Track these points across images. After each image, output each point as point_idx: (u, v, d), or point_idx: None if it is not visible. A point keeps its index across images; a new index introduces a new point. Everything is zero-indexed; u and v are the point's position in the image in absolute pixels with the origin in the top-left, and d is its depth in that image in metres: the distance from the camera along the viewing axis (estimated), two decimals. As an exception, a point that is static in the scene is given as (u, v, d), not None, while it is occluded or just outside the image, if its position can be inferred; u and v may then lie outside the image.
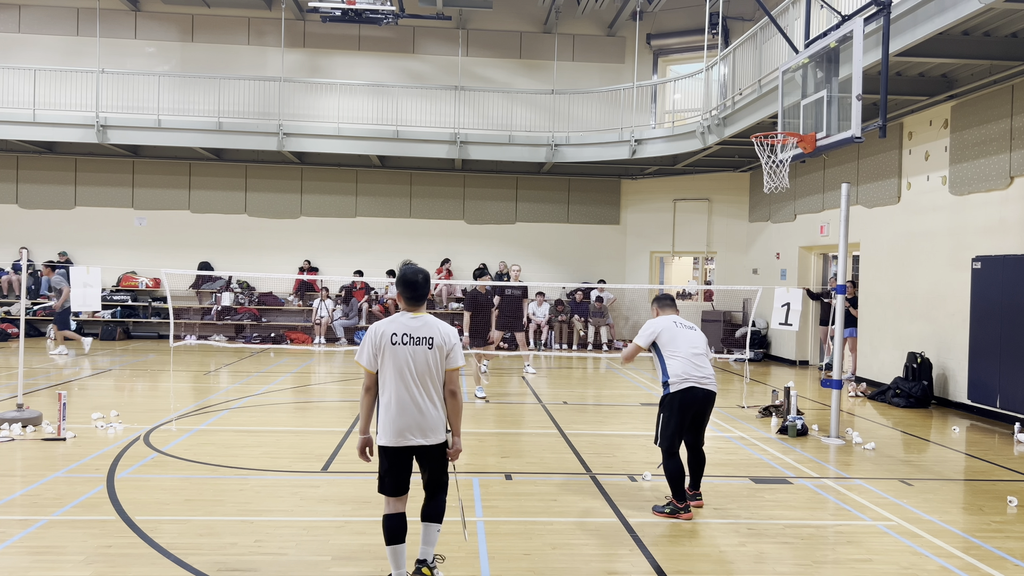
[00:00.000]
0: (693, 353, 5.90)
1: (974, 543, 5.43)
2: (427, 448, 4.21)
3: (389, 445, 4.18)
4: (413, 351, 4.14)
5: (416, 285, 4.24)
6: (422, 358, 4.14)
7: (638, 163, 18.30)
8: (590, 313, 18.63)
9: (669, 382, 5.88)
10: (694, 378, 5.83)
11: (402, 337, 4.14)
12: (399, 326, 4.18)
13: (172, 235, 19.14)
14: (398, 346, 4.13)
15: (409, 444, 4.17)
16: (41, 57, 18.45)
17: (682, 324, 6.04)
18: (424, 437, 4.17)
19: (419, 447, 4.19)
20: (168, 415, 9.18)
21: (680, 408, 5.86)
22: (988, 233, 10.58)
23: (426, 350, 4.15)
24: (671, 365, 5.90)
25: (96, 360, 14.39)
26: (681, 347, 5.91)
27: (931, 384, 11.40)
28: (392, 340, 4.14)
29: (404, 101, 17.99)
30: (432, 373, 4.17)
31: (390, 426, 4.15)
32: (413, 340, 4.15)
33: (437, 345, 4.18)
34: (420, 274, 4.28)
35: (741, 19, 17.94)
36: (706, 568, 4.86)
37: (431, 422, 4.18)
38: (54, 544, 4.96)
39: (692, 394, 5.84)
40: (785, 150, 9.98)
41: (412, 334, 4.16)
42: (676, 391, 5.84)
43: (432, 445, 4.21)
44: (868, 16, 8.71)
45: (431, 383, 4.17)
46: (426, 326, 4.20)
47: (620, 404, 10.97)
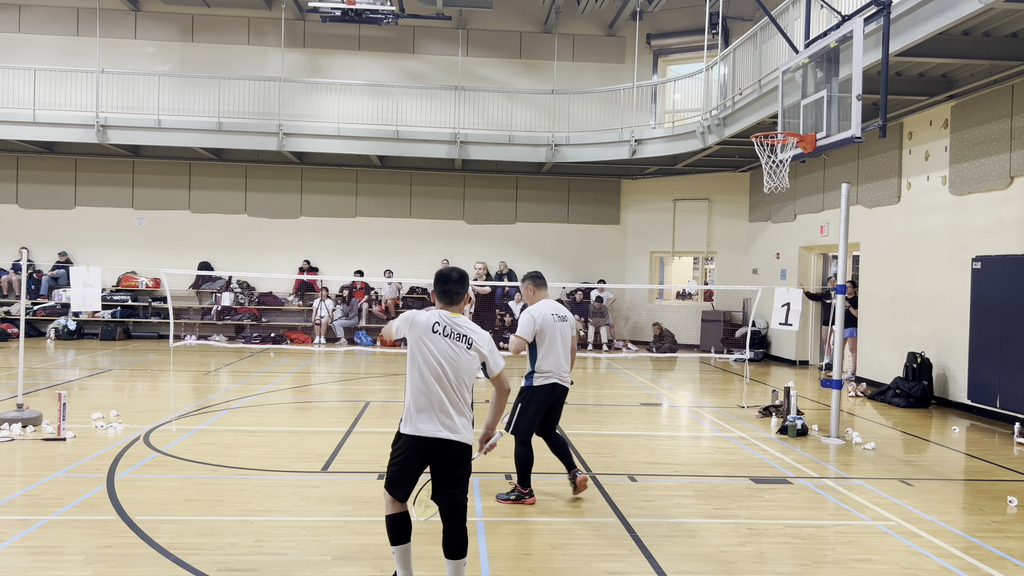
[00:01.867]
0: (563, 350, 6.03)
1: (974, 543, 5.44)
2: (450, 445, 4.03)
3: (413, 434, 4.02)
4: (452, 345, 4.06)
5: (450, 281, 4.21)
6: (460, 355, 4.07)
7: (638, 163, 18.30)
8: (590, 313, 18.63)
9: (535, 375, 5.98)
10: (557, 375, 5.99)
11: (443, 328, 4.08)
12: (442, 318, 4.12)
13: (172, 235, 19.13)
14: (439, 336, 4.06)
15: (435, 436, 4.00)
16: (41, 57, 18.45)
17: (558, 316, 6.06)
18: (452, 432, 4.02)
19: (443, 441, 4.01)
20: (168, 415, 9.18)
21: (541, 402, 5.99)
22: (988, 233, 10.58)
23: (465, 348, 4.09)
24: (543, 360, 5.97)
25: (96, 360, 14.39)
26: (555, 343, 5.99)
27: (931, 384, 11.40)
28: (434, 328, 4.06)
29: (404, 101, 17.99)
30: (466, 372, 4.09)
31: (418, 416, 4.03)
32: (454, 335, 4.09)
33: (476, 347, 4.13)
34: (455, 271, 4.28)
35: (741, 19, 17.94)
36: (706, 568, 4.86)
37: (459, 420, 4.07)
38: (54, 544, 4.96)
39: (553, 390, 6.00)
40: (785, 150, 9.98)
41: (454, 329, 4.10)
42: (539, 386, 5.97)
43: (455, 442, 4.04)
44: (868, 16, 8.71)
45: (465, 382, 4.10)
46: (465, 326, 4.16)
47: (620, 404, 10.97)
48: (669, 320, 19.22)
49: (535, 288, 6.18)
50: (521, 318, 6.00)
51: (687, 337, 19.02)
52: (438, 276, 4.26)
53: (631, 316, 19.88)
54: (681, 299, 21.02)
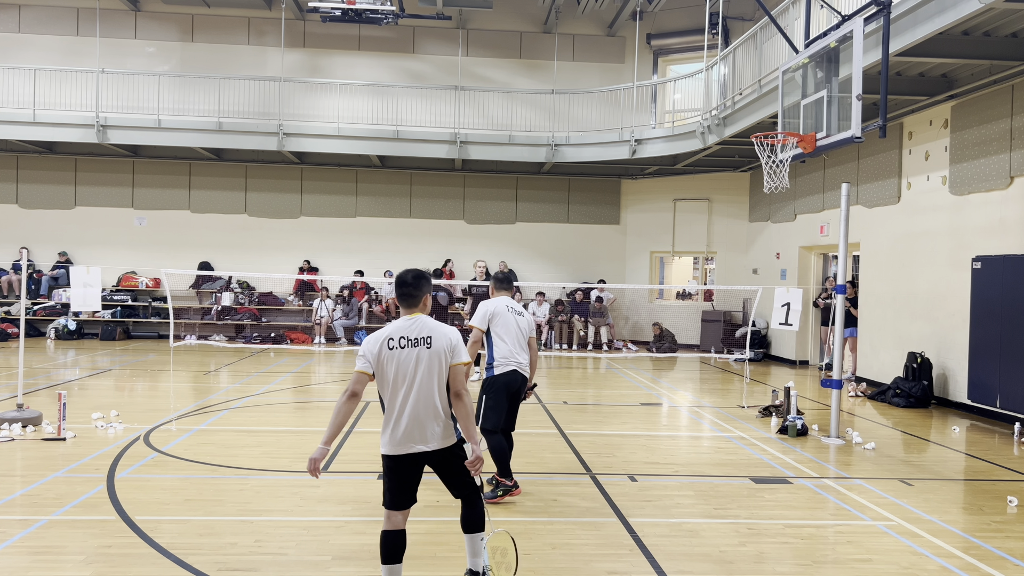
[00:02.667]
0: (518, 339, 6.14)
1: (974, 543, 5.43)
2: (435, 454, 4.03)
3: (394, 453, 3.99)
4: (411, 353, 3.98)
5: (405, 284, 4.10)
6: (422, 359, 3.97)
7: (638, 163, 18.30)
8: (590, 313, 18.63)
9: (494, 364, 6.10)
10: (515, 361, 6.09)
11: (399, 340, 3.98)
12: (394, 331, 4.02)
13: (172, 235, 19.14)
14: (395, 350, 3.97)
15: (412, 452, 3.99)
16: (41, 57, 18.45)
17: (513, 309, 6.21)
18: (427, 443, 3.99)
19: (424, 454, 4.01)
20: (168, 415, 9.18)
21: (503, 388, 6.07)
22: (988, 233, 10.58)
23: (425, 350, 3.98)
24: (498, 348, 6.12)
25: (96, 360, 14.39)
26: (510, 332, 6.12)
27: (931, 384, 11.40)
28: (389, 345, 3.98)
29: (404, 101, 17.99)
30: (434, 374, 3.99)
31: (392, 434, 3.99)
32: (411, 342, 3.98)
33: (436, 344, 4.01)
34: (410, 273, 4.14)
35: (741, 19, 17.94)
36: (706, 568, 4.86)
37: (435, 427, 4.00)
38: (54, 544, 4.96)
39: (513, 376, 6.09)
40: (785, 150, 9.98)
41: (408, 336, 4.00)
42: (500, 373, 6.08)
43: (439, 450, 4.03)
44: (868, 16, 8.71)
45: (434, 385, 3.99)
46: (422, 326, 4.04)
47: (620, 404, 10.97)
48: (669, 320, 19.22)
49: (495, 289, 6.42)
50: (475, 311, 6.23)
51: (687, 337, 19.02)
52: (396, 279, 4.15)
53: (631, 316, 19.88)
54: (681, 299, 21.01)
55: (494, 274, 6.43)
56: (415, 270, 4.21)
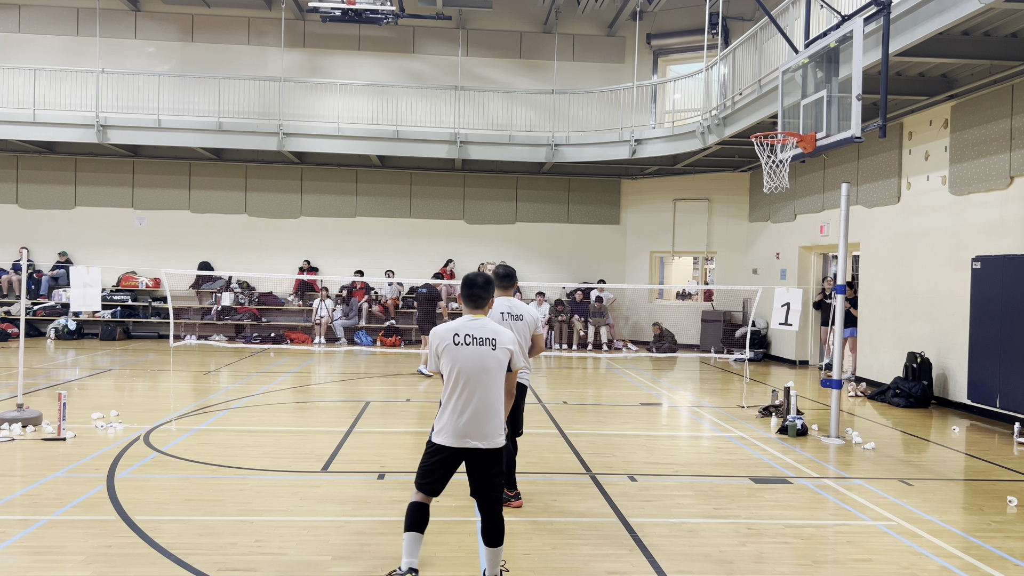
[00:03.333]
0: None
1: (974, 543, 5.44)
2: (484, 452, 4.21)
3: (447, 444, 4.19)
4: (476, 352, 4.18)
5: (474, 284, 4.34)
6: (486, 359, 4.19)
7: (638, 163, 18.30)
8: (590, 313, 18.64)
9: None
10: None
11: (464, 338, 4.20)
12: (461, 327, 4.24)
13: (172, 235, 19.14)
14: (460, 347, 4.19)
15: (467, 447, 4.18)
16: (41, 57, 18.45)
17: (509, 315, 5.87)
18: (483, 440, 4.19)
19: (479, 451, 4.20)
20: (168, 415, 9.18)
21: None
22: (988, 233, 10.58)
23: (489, 351, 4.20)
24: None
25: (96, 360, 14.39)
26: None
27: (931, 384, 11.40)
28: (455, 341, 4.20)
29: (404, 101, 17.99)
30: (494, 374, 4.21)
31: (452, 426, 4.18)
32: (476, 340, 4.20)
33: (500, 346, 4.23)
34: (481, 276, 4.39)
35: (741, 19, 17.94)
36: (706, 568, 4.86)
37: (493, 425, 4.20)
38: (54, 544, 4.96)
39: None
40: (785, 150, 9.98)
41: (474, 335, 4.21)
42: None
43: (489, 449, 4.21)
44: (868, 16, 8.71)
45: (494, 385, 4.21)
46: (487, 328, 4.26)
47: (620, 404, 10.97)
48: (669, 320, 19.23)
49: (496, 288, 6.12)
50: None
51: (687, 337, 19.02)
52: (465, 280, 4.38)
53: (631, 316, 19.89)
54: (681, 299, 21.02)
55: (493, 270, 6.25)
56: (485, 274, 4.45)
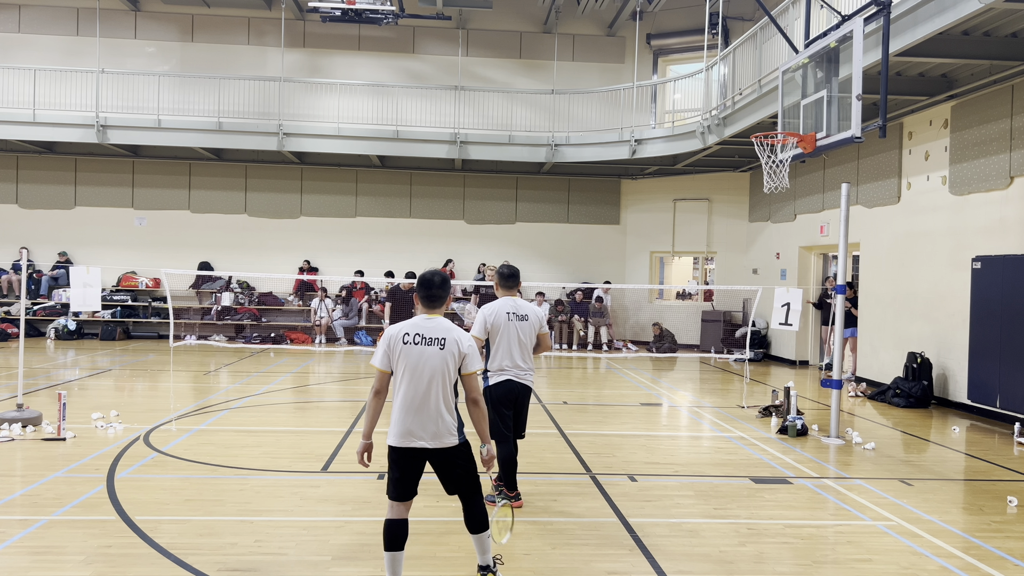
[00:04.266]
0: (518, 346, 5.85)
1: (974, 543, 5.44)
2: (436, 452, 4.15)
3: (396, 445, 4.14)
4: (424, 351, 4.12)
5: (430, 285, 4.23)
6: (433, 359, 4.11)
7: (638, 163, 18.29)
8: (590, 313, 18.63)
9: (489, 374, 5.88)
10: (511, 371, 5.83)
11: (414, 337, 4.13)
12: (412, 326, 4.18)
13: (172, 235, 19.14)
14: (409, 345, 4.12)
15: (415, 445, 4.12)
16: (41, 57, 18.45)
17: (515, 314, 5.85)
18: (431, 440, 4.12)
19: (427, 450, 4.14)
20: (168, 415, 9.18)
21: (499, 399, 5.83)
22: (988, 233, 10.58)
23: (437, 351, 4.12)
24: (493, 358, 5.87)
25: (96, 360, 14.39)
26: (511, 340, 5.83)
27: (931, 384, 11.40)
28: (404, 340, 4.13)
29: (404, 101, 17.99)
30: (443, 375, 4.13)
31: (398, 425, 4.13)
32: (425, 340, 4.13)
33: (449, 347, 4.14)
34: (438, 275, 4.27)
35: (741, 19, 17.94)
36: (706, 568, 4.86)
37: (440, 426, 4.13)
38: (54, 544, 4.96)
39: (509, 386, 5.84)
40: (785, 150, 9.98)
41: (424, 334, 4.14)
42: (494, 384, 5.85)
43: (441, 449, 4.15)
44: (868, 16, 8.71)
45: (442, 385, 4.13)
46: (438, 328, 4.18)
47: (620, 404, 10.97)
48: (669, 320, 19.23)
49: (498, 285, 6.09)
50: (475, 318, 5.95)
51: (687, 337, 19.02)
52: (420, 280, 4.27)
53: (631, 316, 19.88)
54: (681, 299, 21.02)
55: (498, 269, 6.15)
56: (441, 273, 4.32)
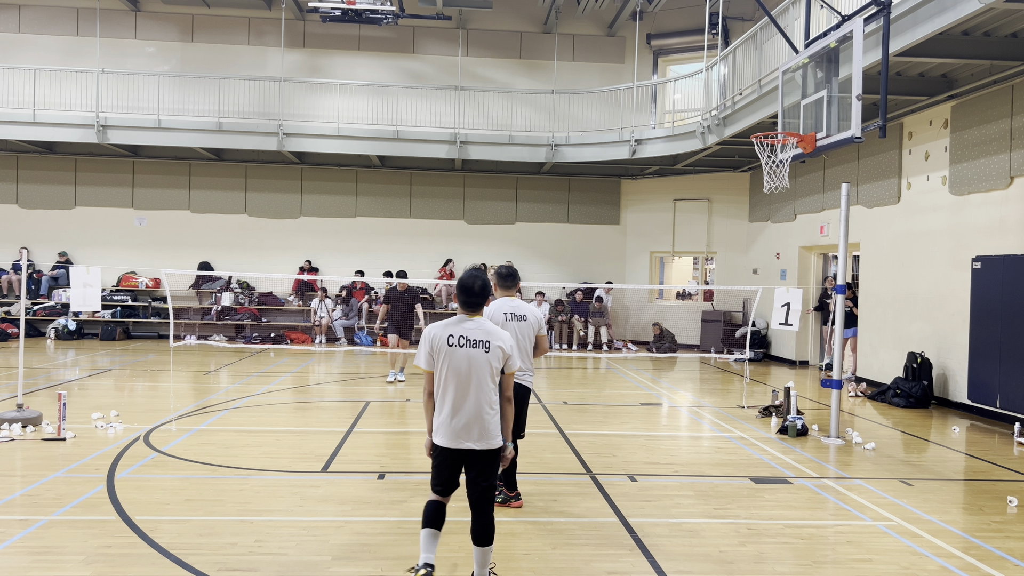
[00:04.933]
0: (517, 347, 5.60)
1: (974, 543, 5.44)
2: (479, 453, 4.22)
3: (445, 446, 4.22)
4: (469, 353, 4.18)
5: (470, 292, 4.28)
6: (478, 361, 4.18)
7: (638, 163, 18.30)
8: (590, 313, 18.63)
9: None
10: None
11: (459, 339, 4.19)
12: (455, 328, 4.22)
13: (172, 235, 19.14)
14: (455, 348, 4.18)
15: (462, 447, 4.20)
16: (41, 57, 18.45)
17: (513, 315, 5.80)
18: (477, 441, 4.19)
19: (473, 451, 4.21)
20: (168, 415, 9.18)
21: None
22: (988, 233, 10.58)
23: (483, 353, 4.19)
24: None
25: (96, 360, 14.39)
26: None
27: (931, 384, 11.40)
28: (448, 342, 4.18)
29: (404, 101, 17.99)
30: (487, 377, 4.20)
31: (446, 427, 4.20)
32: (470, 343, 4.19)
33: (493, 350, 4.21)
34: (478, 281, 4.30)
35: (741, 19, 17.94)
36: (706, 568, 4.86)
37: (486, 426, 4.20)
38: (54, 544, 4.96)
39: None
40: (785, 150, 9.98)
41: (468, 336, 4.20)
42: None
43: (484, 450, 4.22)
44: (868, 16, 8.71)
45: (487, 386, 4.20)
46: (481, 330, 4.24)
47: (620, 404, 10.97)
48: (669, 320, 19.23)
49: (497, 286, 6.01)
50: None
51: (687, 337, 19.02)
52: (461, 287, 4.32)
53: (631, 316, 19.88)
54: (681, 299, 21.02)
55: (496, 269, 6.12)
56: (481, 277, 4.33)
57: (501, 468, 4.42)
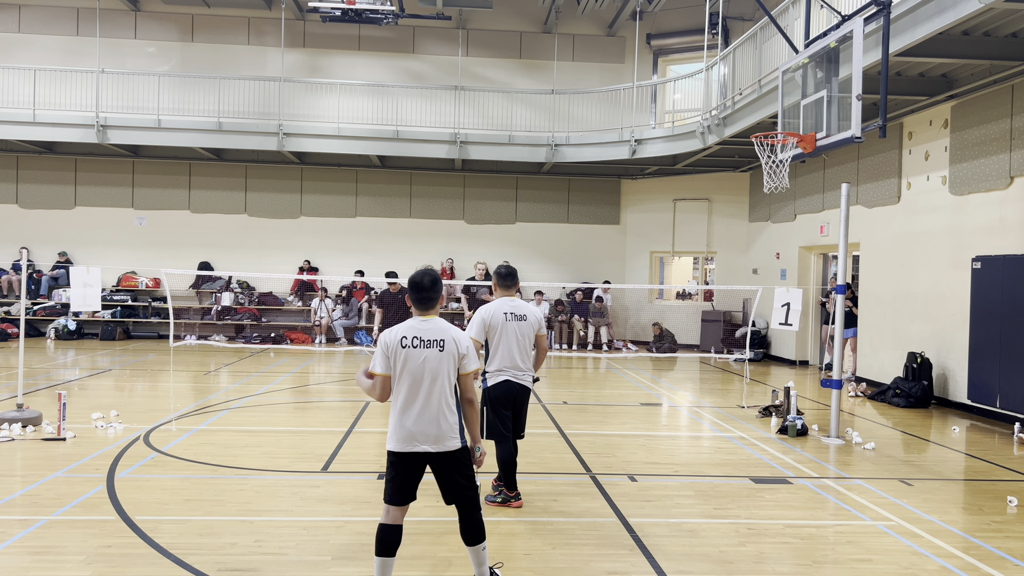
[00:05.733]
0: (516, 347, 5.82)
1: (974, 543, 5.44)
2: (439, 456, 4.08)
3: (397, 450, 4.06)
4: (424, 354, 4.04)
5: (421, 287, 4.12)
6: (433, 361, 4.04)
7: (638, 163, 18.29)
8: (590, 313, 18.63)
9: (487, 375, 5.86)
10: (510, 372, 5.82)
11: (412, 340, 4.05)
12: (408, 329, 4.08)
13: (172, 235, 19.13)
14: (408, 349, 4.03)
15: (417, 450, 4.04)
16: (41, 57, 18.45)
17: (513, 315, 5.82)
18: (434, 444, 4.05)
19: (429, 454, 4.07)
20: (168, 415, 9.18)
21: (497, 400, 5.82)
22: (988, 233, 10.58)
23: (437, 352, 4.05)
24: (492, 359, 5.86)
25: (96, 360, 14.39)
26: (509, 340, 5.81)
27: (931, 384, 11.40)
28: (402, 343, 4.04)
29: (404, 101, 17.99)
30: (443, 377, 4.07)
31: (399, 431, 4.06)
32: (424, 343, 4.05)
33: (448, 348, 4.08)
34: (428, 276, 4.15)
35: (741, 19, 17.94)
36: (706, 568, 4.86)
37: (443, 428, 4.06)
38: (54, 544, 4.96)
39: (507, 387, 5.83)
40: (785, 150, 9.98)
41: (422, 336, 4.06)
42: (492, 384, 5.84)
43: (444, 452, 4.08)
44: (868, 16, 8.70)
45: (443, 387, 4.07)
46: (436, 329, 4.10)
47: (620, 404, 10.97)
48: (669, 320, 19.22)
49: (496, 286, 6.05)
50: (472, 319, 5.89)
51: (687, 337, 19.02)
52: (411, 284, 4.16)
53: (631, 316, 19.88)
54: (681, 299, 21.02)
55: (495, 269, 6.11)
56: (431, 273, 4.19)
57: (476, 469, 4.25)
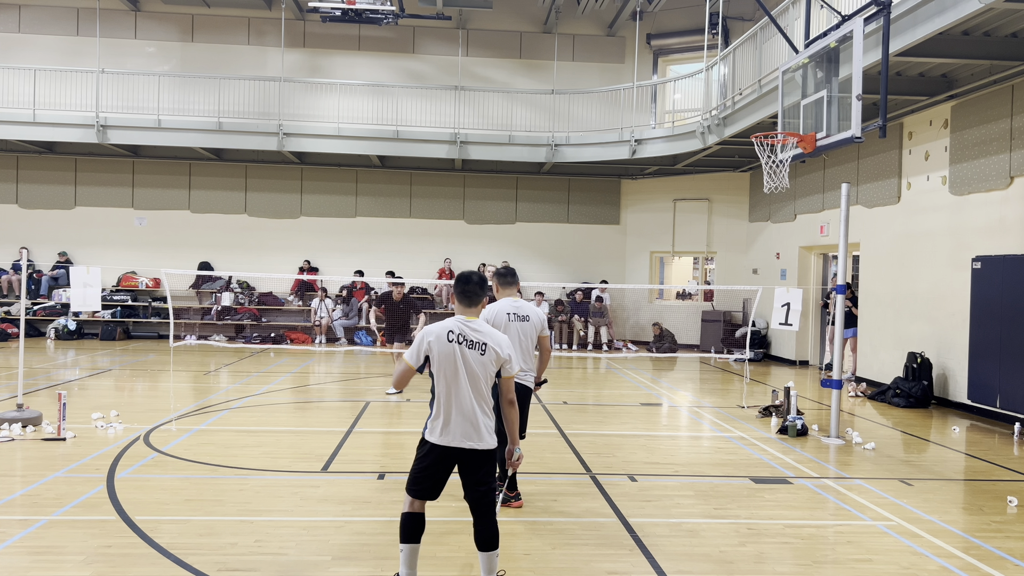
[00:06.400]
0: (521, 347, 5.79)
1: (974, 543, 5.44)
2: (472, 454, 4.18)
3: (434, 442, 4.18)
4: (466, 353, 4.16)
5: (468, 281, 4.29)
6: (473, 362, 4.16)
7: (638, 163, 18.29)
8: (590, 313, 18.63)
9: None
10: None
11: (458, 337, 4.17)
12: (455, 326, 4.21)
13: (172, 235, 19.14)
14: (453, 344, 4.16)
15: (453, 445, 4.15)
16: (41, 57, 18.45)
17: (515, 315, 5.82)
18: (471, 440, 4.16)
19: (463, 451, 4.17)
20: (168, 415, 9.18)
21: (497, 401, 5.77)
22: (988, 233, 10.58)
23: (479, 355, 4.17)
24: None
25: (96, 360, 14.39)
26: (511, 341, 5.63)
27: (931, 384, 11.40)
28: (448, 338, 4.16)
29: (404, 101, 17.99)
30: (483, 378, 4.19)
31: (438, 423, 4.18)
32: (467, 342, 4.17)
33: (489, 353, 4.20)
34: (476, 274, 4.35)
35: (741, 19, 17.94)
36: (706, 568, 4.86)
37: (478, 426, 4.18)
38: (54, 544, 4.96)
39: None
40: (785, 150, 9.98)
41: (467, 336, 4.18)
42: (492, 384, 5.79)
43: (478, 450, 4.19)
44: (868, 16, 8.70)
45: (481, 388, 4.19)
46: (480, 332, 4.22)
47: (620, 404, 10.97)
48: (669, 320, 19.22)
49: (498, 286, 6.04)
50: None
51: (687, 337, 19.02)
52: (459, 277, 4.34)
53: (631, 316, 19.88)
54: (681, 299, 21.01)
55: (496, 269, 6.13)
56: (479, 273, 4.39)
57: (511, 471, 4.38)
